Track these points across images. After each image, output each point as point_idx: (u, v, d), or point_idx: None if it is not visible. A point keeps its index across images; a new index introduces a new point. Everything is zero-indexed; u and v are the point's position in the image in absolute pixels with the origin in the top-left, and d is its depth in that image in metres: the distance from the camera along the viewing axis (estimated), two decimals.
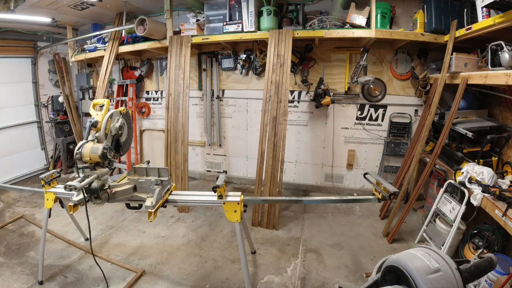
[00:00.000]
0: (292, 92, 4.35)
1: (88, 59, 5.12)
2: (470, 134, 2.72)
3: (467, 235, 2.65)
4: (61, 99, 5.51)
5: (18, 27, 4.71)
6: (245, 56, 4.35)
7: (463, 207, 2.53)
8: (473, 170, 2.50)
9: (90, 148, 1.89)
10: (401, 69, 3.87)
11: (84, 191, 1.88)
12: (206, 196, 2.22)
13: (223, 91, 4.74)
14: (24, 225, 3.65)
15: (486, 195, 2.24)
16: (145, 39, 4.27)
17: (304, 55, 4.06)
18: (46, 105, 5.63)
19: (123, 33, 4.54)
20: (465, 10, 2.82)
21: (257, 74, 4.37)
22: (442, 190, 2.86)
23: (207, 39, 3.93)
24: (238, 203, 2.11)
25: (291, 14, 3.79)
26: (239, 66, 4.49)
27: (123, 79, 5.21)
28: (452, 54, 2.92)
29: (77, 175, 1.92)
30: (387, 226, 3.30)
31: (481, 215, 2.63)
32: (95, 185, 1.89)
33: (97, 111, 2.07)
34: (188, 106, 3.90)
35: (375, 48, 3.84)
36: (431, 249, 0.67)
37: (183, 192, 2.44)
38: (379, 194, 2.04)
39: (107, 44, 4.66)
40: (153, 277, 2.70)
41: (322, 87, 3.90)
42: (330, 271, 2.75)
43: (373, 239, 3.27)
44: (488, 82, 2.43)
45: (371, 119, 4.17)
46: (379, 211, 3.80)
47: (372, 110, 4.13)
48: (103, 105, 2.10)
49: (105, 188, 2.00)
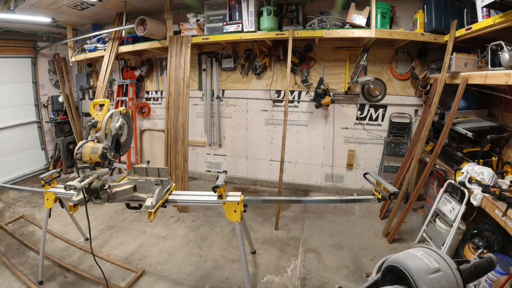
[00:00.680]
0: (292, 92, 4.35)
1: (88, 59, 5.12)
2: (470, 134, 2.72)
3: (467, 235, 2.65)
4: (61, 99, 5.52)
5: (18, 27, 4.71)
6: (245, 56, 4.36)
7: (463, 207, 2.53)
8: (473, 170, 2.50)
9: (90, 148, 1.89)
10: (401, 69, 3.87)
11: (84, 191, 1.88)
12: (206, 196, 2.22)
13: (223, 91, 4.74)
14: (24, 225, 3.65)
15: (486, 195, 2.24)
16: (145, 39, 4.27)
17: (304, 55, 4.06)
18: (46, 105, 5.63)
19: (123, 33, 4.54)
20: (465, 10, 2.82)
21: (257, 74, 4.36)
22: (442, 190, 2.86)
23: (207, 39, 3.93)
24: (238, 203, 2.11)
25: (291, 14, 3.79)
26: (239, 66, 4.49)
27: (123, 79, 5.20)
28: (452, 54, 2.92)
29: (77, 175, 1.92)
30: (387, 226, 3.30)
31: (481, 215, 2.62)
32: (95, 185, 1.89)
33: (97, 111, 2.08)
34: (188, 106, 3.90)
35: (375, 48, 3.84)
36: (431, 249, 0.67)
37: (183, 192, 2.43)
38: (379, 194, 2.04)
39: (107, 44, 4.65)
40: (153, 277, 2.70)
41: (322, 87, 3.90)
42: (330, 271, 2.75)
43: (373, 239, 3.27)
44: (488, 82, 2.43)
45: (371, 119, 4.17)
46: (379, 211, 3.80)
47: (372, 110, 4.13)
48: (103, 105, 2.10)
49: (105, 188, 2.00)
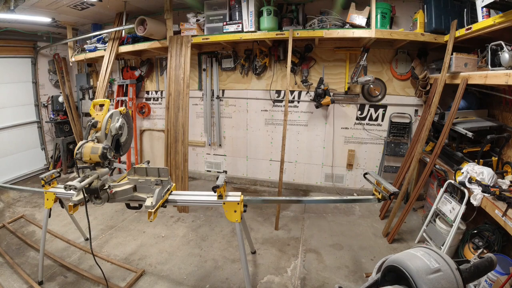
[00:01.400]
0: (292, 92, 4.35)
1: (88, 59, 5.12)
2: (470, 134, 2.72)
3: (467, 235, 2.65)
4: (61, 99, 5.52)
5: (18, 27, 4.71)
6: (245, 56, 4.36)
7: (463, 207, 2.53)
8: (473, 170, 2.50)
9: (90, 148, 1.89)
10: (401, 69, 3.87)
11: (84, 191, 1.88)
12: (206, 196, 2.22)
13: (223, 91, 4.74)
14: (24, 225, 3.65)
15: (486, 195, 2.24)
16: (145, 39, 4.27)
17: (304, 55, 4.06)
18: (46, 105, 5.63)
19: (123, 33, 4.54)
20: (465, 10, 2.82)
21: (257, 74, 4.36)
22: (442, 190, 2.86)
23: (207, 39, 3.93)
24: (238, 203, 2.11)
25: (291, 14, 3.79)
26: (239, 66, 4.49)
27: (123, 79, 5.20)
28: (452, 54, 2.91)
29: (77, 175, 1.92)
30: (387, 226, 3.30)
31: (481, 215, 2.63)
32: (95, 185, 1.89)
33: (97, 111, 2.08)
34: (188, 106, 3.90)
35: (375, 48, 3.84)
36: (431, 249, 0.67)
37: (183, 192, 2.43)
38: (379, 194, 2.04)
39: (107, 44, 4.65)
40: (153, 277, 2.70)
41: (322, 87, 3.90)
42: (330, 271, 2.75)
43: (373, 239, 3.27)
44: (488, 82, 2.42)
45: (371, 119, 4.17)
46: (379, 211, 3.80)
47: (372, 110, 4.13)
48: (103, 105, 2.10)
49: (105, 188, 2.00)
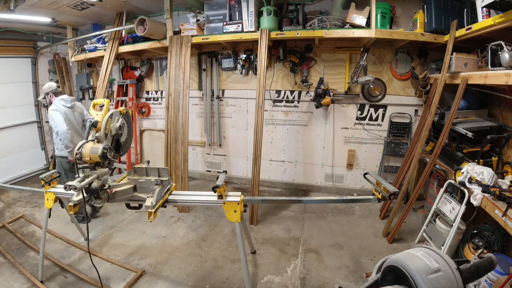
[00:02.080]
0: (292, 92, 4.35)
1: (88, 59, 5.12)
2: (470, 134, 2.72)
3: (467, 235, 2.65)
4: None
5: (18, 27, 4.71)
6: (245, 56, 4.35)
7: (463, 207, 2.53)
8: (473, 170, 2.50)
9: (90, 148, 1.89)
10: (401, 69, 3.87)
11: (84, 191, 1.88)
12: (206, 196, 2.22)
13: (223, 91, 4.73)
14: (24, 225, 3.65)
15: (486, 195, 2.24)
16: (145, 39, 4.27)
17: (304, 55, 4.06)
18: (46, 105, 5.62)
19: (123, 33, 4.54)
20: (465, 10, 2.82)
21: (257, 74, 4.35)
22: (442, 190, 2.86)
23: (207, 39, 3.93)
24: (238, 203, 2.11)
25: (291, 14, 3.79)
26: (239, 66, 4.48)
27: (123, 79, 5.21)
28: (452, 54, 2.91)
29: (77, 175, 1.92)
30: (387, 226, 3.30)
31: (481, 215, 2.63)
32: (95, 185, 1.89)
33: (97, 111, 2.08)
34: (188, 106, 3.90)
35: (375, 48, 3.84)
36: (431, 249, 0.67)
37: (183, 192, 2.44)
38: (379, 194, 2.04)
39: (107, 44, 4.65)
40: (153, 277, 2.70)
41: (322, 87, 3.90)
42: (330, 271, 2.75)
43: (373, 239, 3.27)
44: (488, 82, 2.42)
45: (371, 119, 4.17)
46: (379, 211, 3.80)
47: (372, 110, 4.13)
48: (103, 105, 2.10)
49: (105, 188, 2.00)
